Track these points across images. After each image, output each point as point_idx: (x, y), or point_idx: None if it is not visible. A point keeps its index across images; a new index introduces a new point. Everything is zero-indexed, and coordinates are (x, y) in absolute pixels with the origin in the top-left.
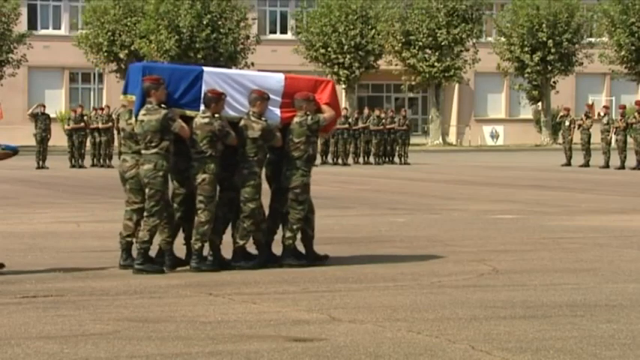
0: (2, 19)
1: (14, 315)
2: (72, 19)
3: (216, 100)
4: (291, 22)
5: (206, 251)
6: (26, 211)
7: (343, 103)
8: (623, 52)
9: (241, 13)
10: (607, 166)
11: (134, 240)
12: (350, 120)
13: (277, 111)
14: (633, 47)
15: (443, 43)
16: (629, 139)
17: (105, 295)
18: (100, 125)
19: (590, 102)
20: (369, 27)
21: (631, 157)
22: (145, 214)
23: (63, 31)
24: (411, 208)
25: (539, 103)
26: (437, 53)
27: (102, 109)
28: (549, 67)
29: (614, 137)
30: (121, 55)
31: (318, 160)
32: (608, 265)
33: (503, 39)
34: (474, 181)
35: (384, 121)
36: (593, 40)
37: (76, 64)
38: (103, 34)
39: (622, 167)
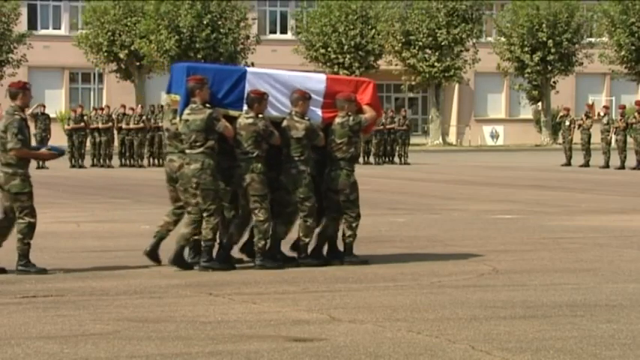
0: (2, 19)
1: (14, 315)
2: (72, 19)
3: (259, 100)
4: (291, 22)
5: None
6: None
7: None
8: (623, 52)
9: (241, 13)
10: (607, 166)
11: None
12: None
13: (319, 111)
14: (633, 47)
15: (443, 43)
16: (629, 139)
17: (105, 295)
18: (100, 125)
19: (590, 102)
20: (369, 27)
21: (631, 157)
22: (205, 214)
23: (63, 31)
24: (411, 208)
25: (539, 103)
26: (437, 53)
27: (102, 109)
28: (549, 67)
29: (614, 137)
30: (121, 55)
31: None
32: (608, 265)
33: (503, 39)
34: (474, 181)
35: (383, 121)
36: (593, 40)
37: (76, 64)
38: (103, 34)
39: (622, 167)
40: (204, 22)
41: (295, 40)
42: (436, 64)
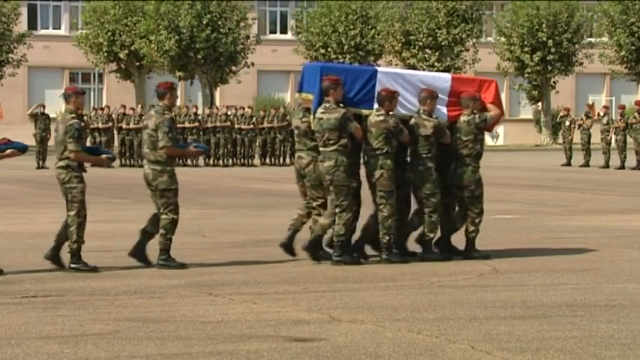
0: (2, 19)
1: (14, 315)
2: (72, 19)
3: (390, 98)
4: (291, 22)
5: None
6: (26, 211)
7: None
8: (623, 52)
9: (241, 13)
10: (607, 166)
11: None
12: None
13: (444, 109)
14: (633, 47)
15: (443, 43)
16: (629, 139)
17: (105, 295)
18: (100, 125)
19: (590, 102)
20: (369, 27)
21: (631, 157)
22: (338, 210)
23: (63, 31)
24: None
25: (539, 103)
26: (437, 53)
27: (102, 109)
28: (549, 67)
29: (614, 137)
30: (121, 55)
31: None
32: (608, 265)
33: (503, 39)
34: None
35: None
36: (593, 40)
37: (76, 64)
38: (103, 34)
39: (622, 167)
40: (204, 22)
41: (295, 40)
42: (436, 64)
